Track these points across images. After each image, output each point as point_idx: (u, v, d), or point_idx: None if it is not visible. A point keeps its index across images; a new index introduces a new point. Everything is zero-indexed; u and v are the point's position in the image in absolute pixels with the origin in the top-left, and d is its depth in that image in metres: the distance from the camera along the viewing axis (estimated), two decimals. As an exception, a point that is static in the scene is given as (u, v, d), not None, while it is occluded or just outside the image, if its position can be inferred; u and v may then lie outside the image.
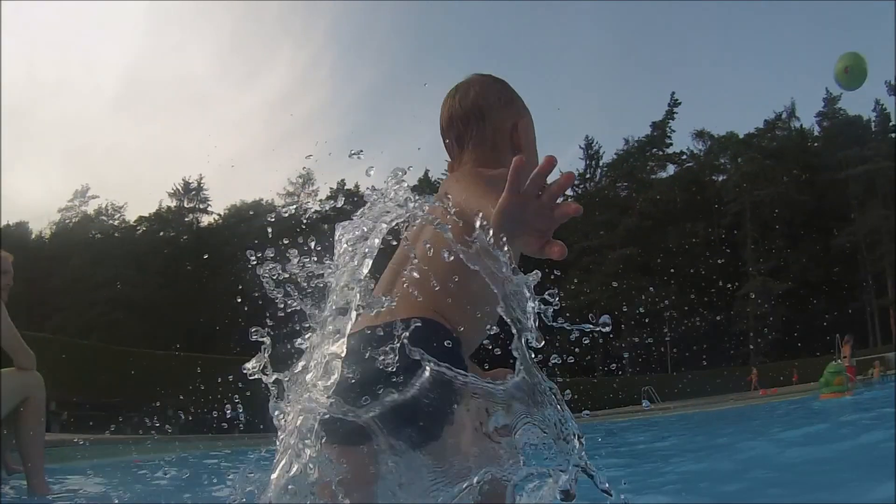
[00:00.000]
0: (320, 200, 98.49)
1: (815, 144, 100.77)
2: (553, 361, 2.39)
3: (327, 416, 2.34)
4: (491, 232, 2.06)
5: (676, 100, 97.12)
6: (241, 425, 29.66)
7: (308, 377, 2.43)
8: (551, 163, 1.94)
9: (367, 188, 2.79)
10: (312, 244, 2.80)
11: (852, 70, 5.95)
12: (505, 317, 2.16)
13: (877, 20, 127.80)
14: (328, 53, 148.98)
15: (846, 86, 6.04)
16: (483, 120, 3.00)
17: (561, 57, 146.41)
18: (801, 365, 57.37)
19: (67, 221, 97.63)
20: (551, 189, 1.93)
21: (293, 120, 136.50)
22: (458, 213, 2.46)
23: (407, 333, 2.37)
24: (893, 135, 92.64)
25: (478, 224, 2.13)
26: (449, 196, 2.57)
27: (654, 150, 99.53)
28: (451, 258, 2.29)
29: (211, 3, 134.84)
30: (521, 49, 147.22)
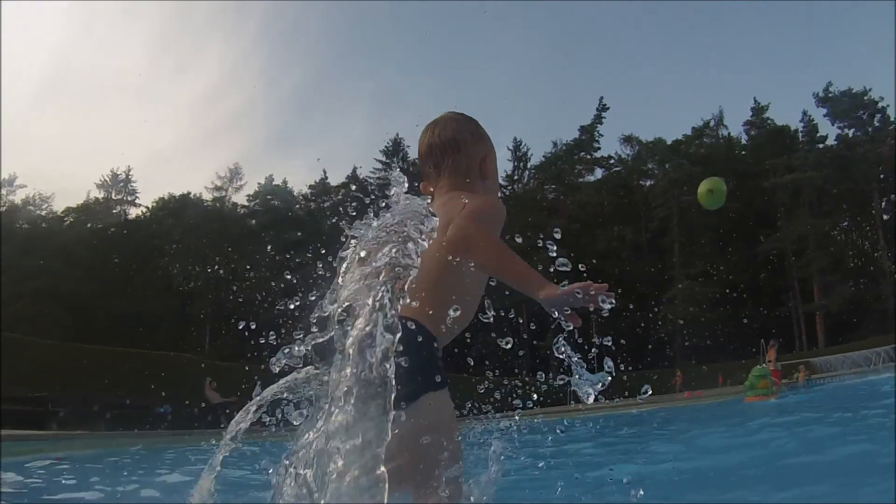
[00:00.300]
0: (248, 196, 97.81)
1: (743, 153, 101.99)
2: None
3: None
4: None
5: (605, 105, 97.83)
6: (168, 419, 29.49)
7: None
8: (606, 288, 2.90)
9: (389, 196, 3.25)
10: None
11: (714, 192, 6.89)
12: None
13: (803, 33, 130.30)
14: (258, 50, 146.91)
15: (707, 206, 6.83)
16: (458, 152, 3.66)
17: (491, 59, 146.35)
18: (727, 368, 57.97)
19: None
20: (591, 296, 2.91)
21: (222, 115, 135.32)
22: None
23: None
24: (820, 145, 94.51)
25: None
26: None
27: (583, 153, 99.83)
28: (437, 269, 3.16)
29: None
30: (452, 49, 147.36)
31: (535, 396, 4.15)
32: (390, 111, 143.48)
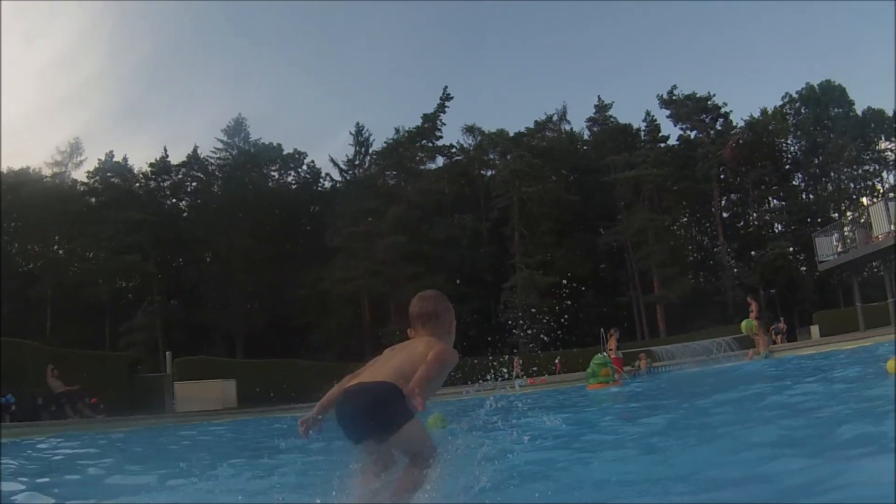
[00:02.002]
0: (88, 173, 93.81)
1: (584, 148, 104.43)
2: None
3: None
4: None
5: (449, 94, 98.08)
6: (12, 409, 27.45)
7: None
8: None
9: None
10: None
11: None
12: None
13: (651, 35, 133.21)
14: (107, 20, 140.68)
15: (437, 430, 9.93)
16: (437, 318, 5.48)
17: (339, 45, 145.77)
18: (569, 356, 60.01)
19: None
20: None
21: (66, 86, 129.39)
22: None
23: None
24: (662, 144, 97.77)
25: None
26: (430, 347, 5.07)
27: (424, 141, 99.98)
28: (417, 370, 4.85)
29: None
30: (304, 32, 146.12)
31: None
32: (235, 91, 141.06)
